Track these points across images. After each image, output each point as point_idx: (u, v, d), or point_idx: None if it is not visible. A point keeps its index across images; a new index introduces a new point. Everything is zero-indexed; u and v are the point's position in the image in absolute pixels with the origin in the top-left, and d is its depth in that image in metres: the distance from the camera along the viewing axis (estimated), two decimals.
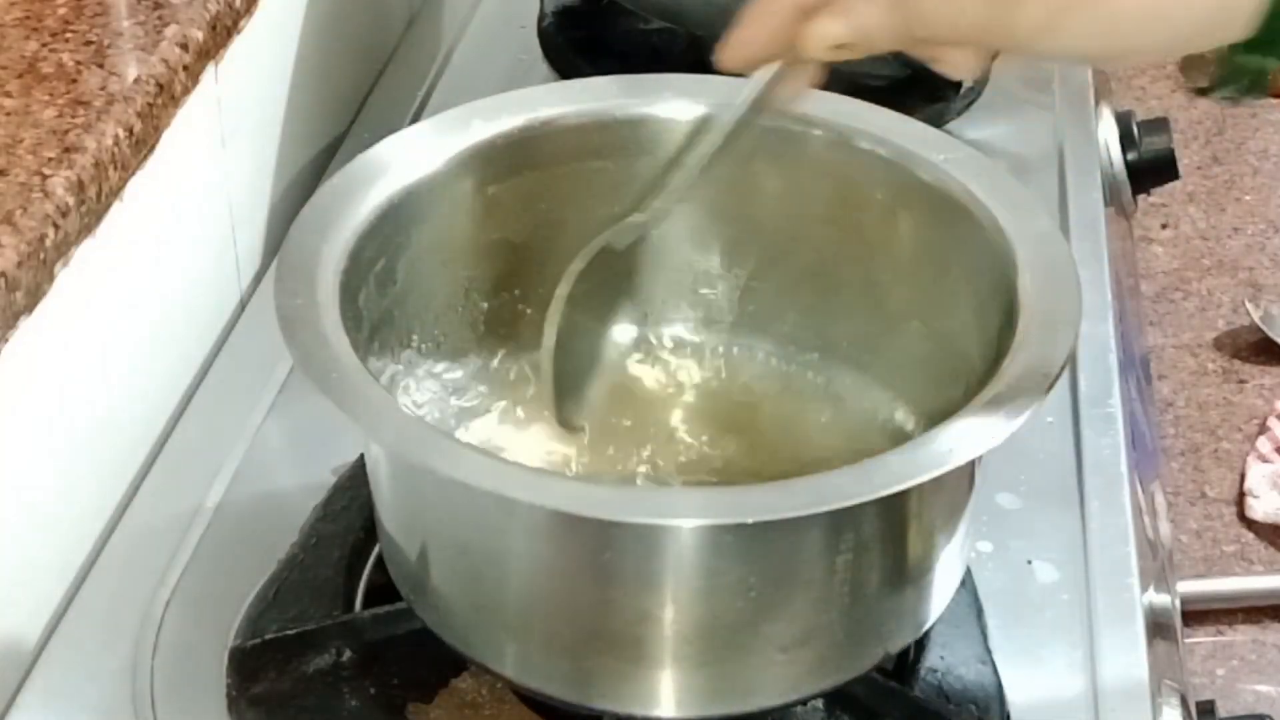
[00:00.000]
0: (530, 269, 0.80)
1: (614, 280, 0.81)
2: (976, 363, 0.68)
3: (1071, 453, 0.86)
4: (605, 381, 0.80)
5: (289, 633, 0.73)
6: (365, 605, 0.76)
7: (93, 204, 0.76)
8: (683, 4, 1.08)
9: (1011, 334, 0.65)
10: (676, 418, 0.79)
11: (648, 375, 0.81)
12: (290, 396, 0.89)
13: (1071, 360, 0.66)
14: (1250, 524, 1.65)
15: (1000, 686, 0.73)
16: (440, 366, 0.79)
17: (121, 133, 0.78)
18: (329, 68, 1.10)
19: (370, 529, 0.76)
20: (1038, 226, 0.70)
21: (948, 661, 0.73)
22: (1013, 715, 0.73)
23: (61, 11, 0.85)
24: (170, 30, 0.85)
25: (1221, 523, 1.65)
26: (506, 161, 0.77)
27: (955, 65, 0.57)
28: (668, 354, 0.82)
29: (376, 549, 0.76)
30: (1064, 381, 0.75)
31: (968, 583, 0.77)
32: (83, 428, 0.81)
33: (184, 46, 0.85)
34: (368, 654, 0.73)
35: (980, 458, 0.62)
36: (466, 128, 0.76)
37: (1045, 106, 1.15)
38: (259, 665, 0.73)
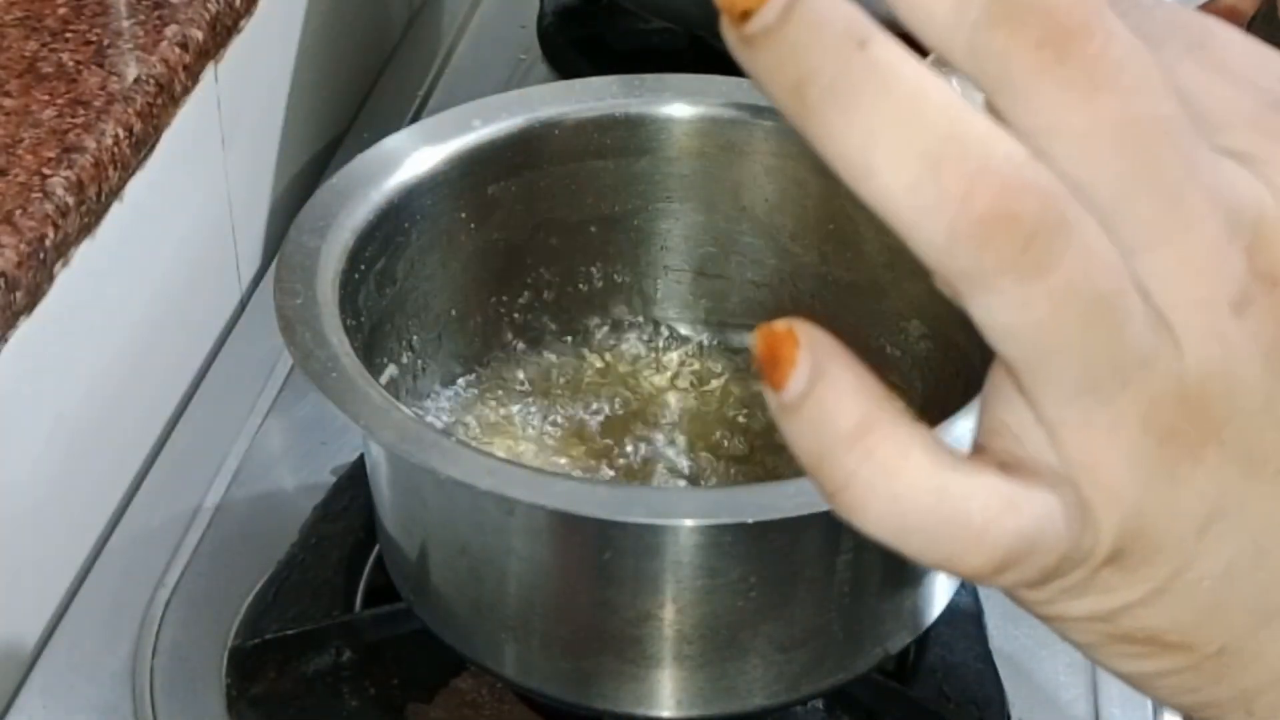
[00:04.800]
0: (530, 269, 0.80)
1: (612, 277, 0.82)
2: (976, 363, 0.68)
3: None
4: (602, 379, 0.80)
5: (289, 633, 0.73)
6: (365, 605, 0.76)
7: (92, 204, 0.76)
8: (683, 4, 1.08)
9: None
10: (675, 415, 0.79)
11: (646, 375, 0.81)
12: (290, 396, 0.89)
13: None
14: None
15: (1000, 686, 0.73)
16: (440, 366, 0.79)
17: (121, 133, 0.78)
18: (329, 68, 1.10)
19: (370, 529, 0.76)
20: None
21: (948, 661, 0.73)
22: (1013, 715, 0.72)
23: (61, 11, 0.85)
24: (170, 30, 0.85)
25: None
26: (506, 161, 0.77)
27: None
28: (666, 352, 0.82)
29: (376, 549, 0.76)
30: None
31: (967, 583, 0.76)
32: (83, 427, 0.80)
33: (184, 46, 0.85)
34: (368, 654, 0.73)
35: None
36: (466, 128, 0.76)
37: None
38: (259, 665, 0.73)
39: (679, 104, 0.77)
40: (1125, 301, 0.27)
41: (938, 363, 0.74)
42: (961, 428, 0.61)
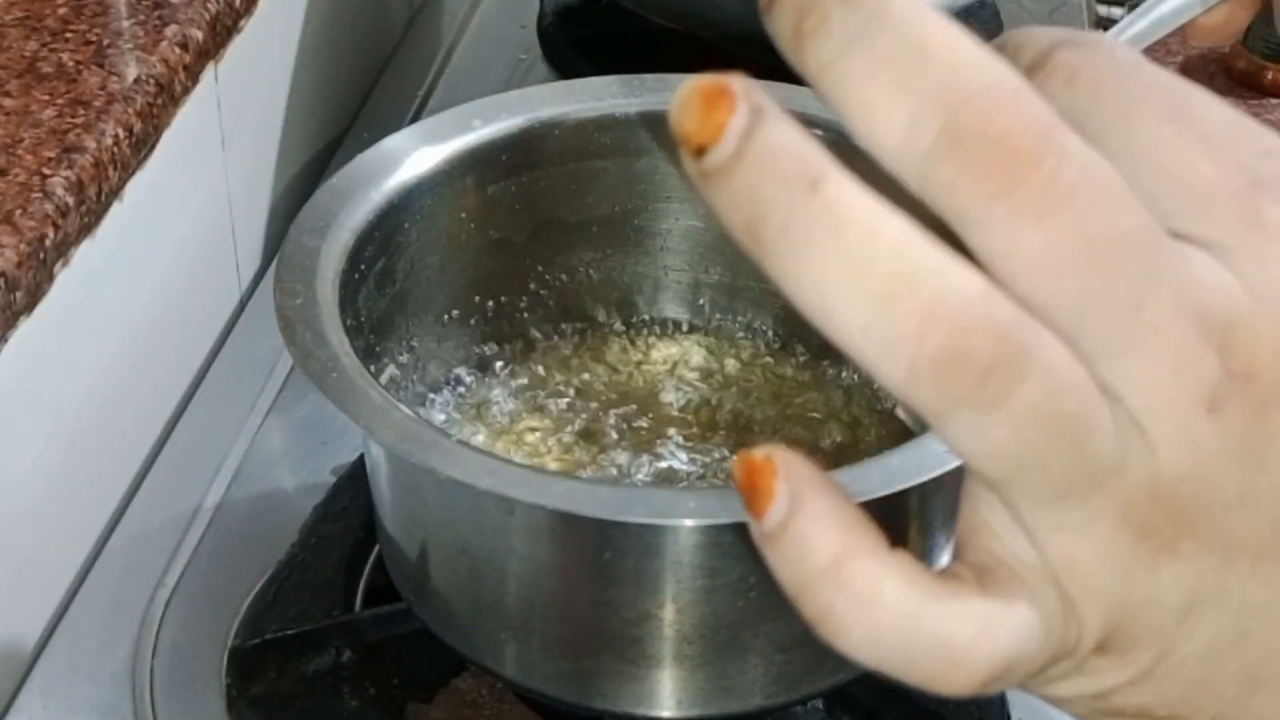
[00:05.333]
0: (530, 269, 0.80)
1: (612, 277, 0.81)
2: None
3: None
4: (603, 379, 0.80)
5: (289, 633, 0.73)
6: (365, 605, 0.76)
7: (93, 204, 0.76)
8: (683, 4, 1.08)
9: None
10: (675, 416, 0.79)
11: (646, 375, 0.81)
12: (290, 396, 0.89)
13: None
14: None
15: None
16: (440, 366, 0.79)
17: (121, 133, 0.78)
18: (329, 68, 1.10)
19: (370, 529, 0.76)
20: None
21: None
22: (1012, 716, 0.72)
23: (61, 11, 0.85)
24: (170, 30, 0.85)
25: None
26: (506, 161, 0.77)
27: None
28: (666, 352, 0.82)
29: (376, 549, 0.76)
30: None
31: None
32: (83, 428, 0.80)
33: (184, 46, 0.85)
34: (368, 654, 0.73)
35: None
36: (466, 128, 0.76)
37: None
38: (259, 665, 0.73)
39: None
40: (1090, 414, 0.28)
41: None
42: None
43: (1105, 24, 1.36)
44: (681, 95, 0.27)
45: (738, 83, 0.27)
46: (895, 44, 0.26)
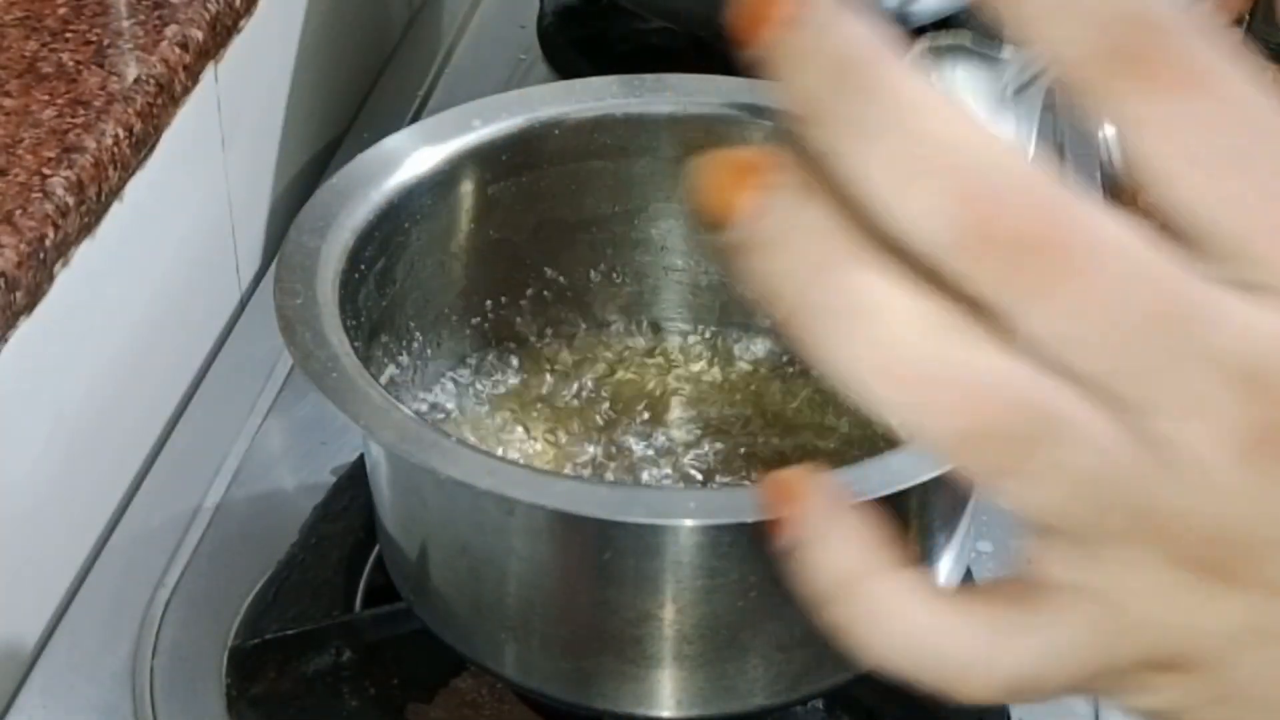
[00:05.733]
0: (530, 269, 0.80)
1: (612, 277, 0.82)
2: None
3: None
4: (602, 380, 0.80)
5: (289, 633, 0.73)
6: (365, 605, 0.76)
7: (93, 204, 0.76)
8: (683, 4, 1.08)
9: None
10: (675, 416, 0.79)
11: (646, 375, 0.81)
12: (290, 396, 0.89)
13: None
14: None
15: None
16: (440, 366, 0.79)
17: (121, 133, 0.78)
18: (329, 68, 1.10)
19: (370, 529, 0.76)
20: None
21: None
22: (1012, 715, 0.73)
23: (61, 11, 0.85)
24: (170, 30, 0.85)
25: None
26: (506, 161, 0.77)
27: None
28: (665, 352, 0.82)
29: (376, 549, 0.76)
30: None
31: (968, 582, 0.76)
32: (83, 427, 0.80)
33: (184, 46, 0.85)
34: (368, 654, 0.73)
35: None
36: (466, 128, 0.76)
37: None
38: (259, 665, 0.73)
39: (679, 104, 0.77)
40: (1132, 470, 0.28)
41: None
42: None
43: None
44: (707, 169, 0.28)
45: (762, 159, 0.28)
46: (895, 134, 0.27)
